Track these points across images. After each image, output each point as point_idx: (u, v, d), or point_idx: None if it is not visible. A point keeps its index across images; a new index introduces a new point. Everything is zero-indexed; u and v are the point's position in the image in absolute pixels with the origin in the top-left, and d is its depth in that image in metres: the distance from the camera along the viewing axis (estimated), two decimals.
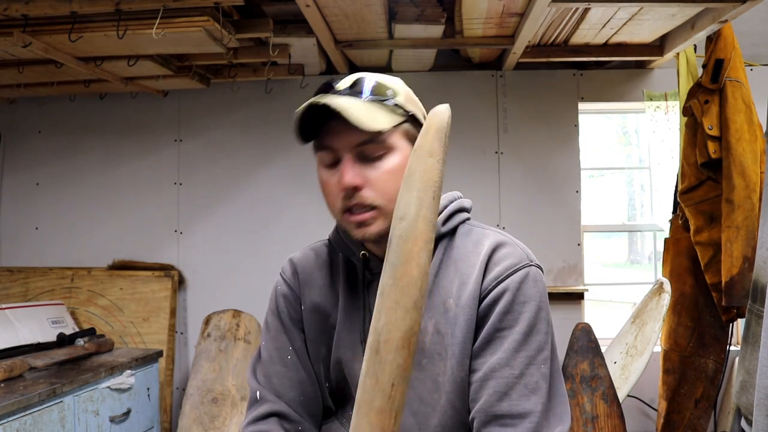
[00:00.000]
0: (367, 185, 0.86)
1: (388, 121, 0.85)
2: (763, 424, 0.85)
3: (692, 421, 2.49)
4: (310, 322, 1.01)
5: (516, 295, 0.86)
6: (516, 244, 0.93)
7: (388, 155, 0.87)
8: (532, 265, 0.90)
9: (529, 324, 0.85)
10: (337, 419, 1.02)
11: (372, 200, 0.87)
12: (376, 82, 0.88)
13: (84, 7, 1.95)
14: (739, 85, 2.28)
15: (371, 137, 0.85)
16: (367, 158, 0.87)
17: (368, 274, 0.97)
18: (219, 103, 3.10)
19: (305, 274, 1.03)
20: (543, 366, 0.85)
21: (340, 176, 0.87)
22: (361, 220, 0.88)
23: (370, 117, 0.83)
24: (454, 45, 2.65)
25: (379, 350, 0.66)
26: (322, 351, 1.00)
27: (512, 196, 3.01)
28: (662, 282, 2.33)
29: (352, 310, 0.98)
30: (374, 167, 0.87)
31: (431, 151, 0.67)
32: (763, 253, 1.01)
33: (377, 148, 0.86)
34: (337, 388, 1.01)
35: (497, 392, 0.84)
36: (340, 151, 0.87)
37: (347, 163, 0.86)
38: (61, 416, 1.92)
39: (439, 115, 0.68)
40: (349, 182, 0.85)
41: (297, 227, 2.99)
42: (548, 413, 0.84)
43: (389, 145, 0.87)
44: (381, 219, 0.88)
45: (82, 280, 3.03)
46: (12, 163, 3.20)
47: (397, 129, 0.88)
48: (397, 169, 0.87)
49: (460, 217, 0.97)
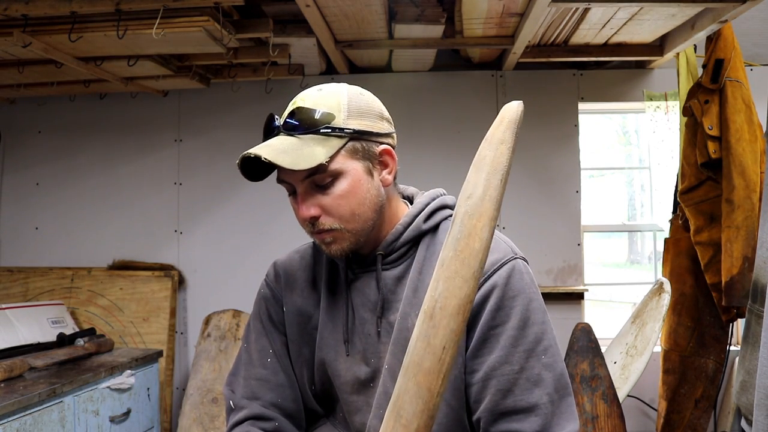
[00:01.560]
0: (323, 213, 0.91)
1: (323, 153, 0.87)
2: (763, 424, 0.85)
3: (692, 421, 2.49)
4: (292, 324, 1.01)
5: (505, 291, 0.87)
6: (499, 238, 0.94)
7: (336, 181, 0.90)
8: (517, 258, 0.91)
9: (522, 317, 0.86)
10: (329, 421, 1.02)
11: (330, 225, 0.91)
12: (305, 112, 0.90)
13: (84, 7, 1.95)
14: (739, 85, 2.28)
15: (315, 170, 0.87)
16: (319, 186, 0.90)
17: (350, 274, 0.98)
18: (219, 103, 3.10)
19: (288, 276, 1.05)
20: (544, 356, 0.85)
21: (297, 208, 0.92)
22: (323, 239, 0.93)
23: (302, 156, 0.86)
24: (454, 45, 2.65)
25: (433, 315, 0.70)
26: (304, 353, 1.01)
27: (512, 196, 3.01)
28: (662, 282, 2.33)
29: (334, 309, 0.98)
30: (326, 194, 0.90)
31: (503, 140, 0.72)
32: (763, 253, 1.01)
33: (324, 177, 0.89)
34: (322, 390, 1.01)
35: (500, 390, 0.84)
36: (294, 184, 0.91)
37: (300, 196, 0.91)
38: (61, 416, 1.92)
39: (513, 108, 0.73)
40: (305, 215, 0.91)
41: (296, 227, 2.96)
42: (556, 408, 0.84)
43: (334, 171, 0.89)
44: (342, 238, 0.92)
45: (82, 280, 3.03)
46: (12, 163, 3.20)
47: (339, 153, 0.89)
48: (348, 191, 0.90)
49: (442, 214, 0.98)
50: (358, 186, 0.91)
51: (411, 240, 0.96)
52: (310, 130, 0.88)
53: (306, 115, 0.89)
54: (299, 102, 0.92)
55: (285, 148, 0.87)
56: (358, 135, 0.91)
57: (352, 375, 0.95)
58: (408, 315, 0.91)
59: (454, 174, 2.74)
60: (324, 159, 0.86)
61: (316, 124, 0.89)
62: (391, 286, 0.95)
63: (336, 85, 0.95)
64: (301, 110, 0.90)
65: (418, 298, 0.91)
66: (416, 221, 0.96)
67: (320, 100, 0.91)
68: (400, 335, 0.91)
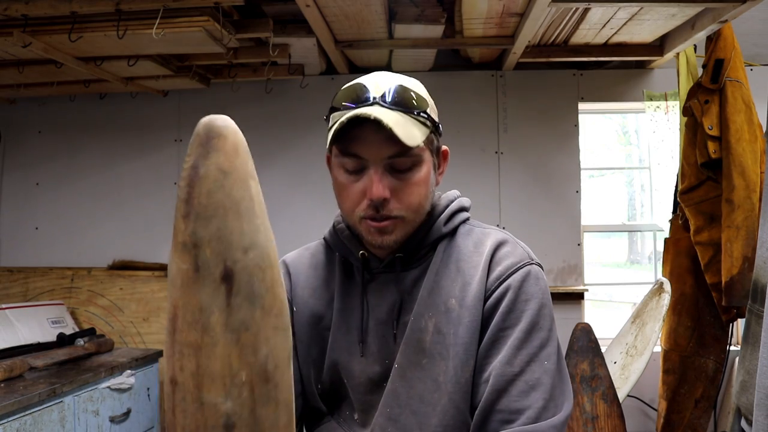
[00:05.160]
0: (394, 197, 0.87)
1: (420, 135, 0.86)
2: (763, 424, 0.85)
3: (692, 421, 2.49)
4: (302, 324, 1.00)
5: (518, 294, 0.87)
6: (516, 242, 0.94)
7: (416, 167, 0.88)
8: (533, 264, 0.91)
9: (531, 322, 0.86)
10: (333, 419, 1.02)
11: (397, 212, 0.88)
12: (408, 92, 0.87)
13: (84, 7, 1.95)
14: (739, 85, 2.28)
15: (403, 151, 0.85)
16: (395, 170, 0.87)
17: (367, 274, 0.97)
18: (219, 103, 3.10)
19: (298, 275, 1.03)
20: (546, 362, 0.85)
21: (367, 186, 0.87)
22: (383, 228, 0.88)
23: (407, 132, 0.83)
24: (454, 45, 2.65)
25: None
26: (312, 353, 0.99)
27: (512, 196, 3.01)
28: (662, 282, 2.33)
29: (348, 310, 0.97)
30: (401, 179, 0.87)
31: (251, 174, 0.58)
32: (763, 253, 1.01)
33: (407, 161, 0.87)
34: (331, 389, 1.00)
35: (496, 390, 0.84)
36: (369, 161, 0.87)
37: (376, 175, 0.86)
38: (61, 416, 1.92)
39: None
40: (379, 195, 0.85)
41: (297, 227, 2.99)
42: (547, 407, 0.84)
43: (418, 157, 0.87)
44: (401, 228, 0.89)
45: (82, 280, 3.03)
46: (12, 163, 3.20)
47: (425, 141, 0.88)
48: (423, 181, 0.89)
49: (460, 217, 0.98)
50: (428, 178, 0.90)
51: (431, 242, 0.96)
52: (410, 109, 0.86)
53: (410, 95, 0.87)
54: (386, 82, 0.88)
55: (396, 120, 0.83)
56: (435, 129, 0.91)
57: (366, 376, 0.95)
58: (421, 316, 0.91)
59: (454, 174, 2.74)
60: (422, 140, 0.85)
61: (420, 107, 0.87)
62: (409, 287, 0.95)
63: (406, 76, 0.93)
64: (405, 89, 0.87)
65: (432, 300, 0.91)
66: (437, 224, 0.96)
67: (409, 85, 0.89)
68: (412, 335, 0.91)
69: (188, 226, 0.53)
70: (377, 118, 0.80)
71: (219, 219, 0.54)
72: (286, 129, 3.08)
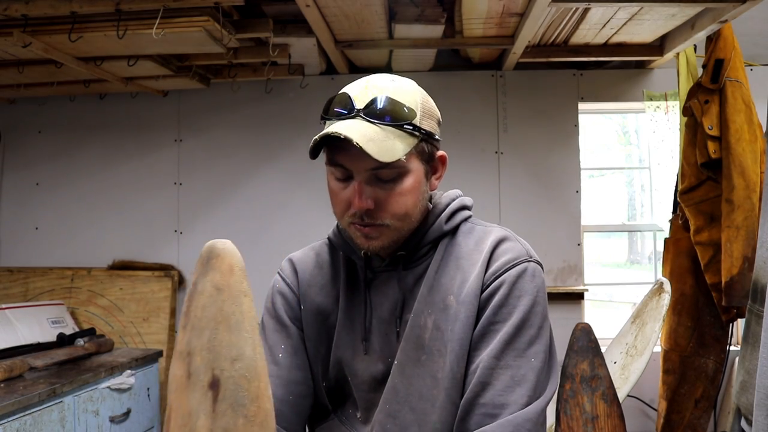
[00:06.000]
0: (378, 206, 0.88)
1: (403, 148, 0.86)
2: (763, 424, 0.85)
3: (692, 421, 2.49)
4: (309, 321, 1.01)
5: (512, 289, 0.88)
6: (517, 240, 0.95)
7: (401, 178, 0.89)
8: (531, 261, 0.91)
9: (522, 318, 0.87)
10: (336, 417, 1.02)
11: (382, 220, 0.89)
12: (393, 104, 0.87)
13: (84, 7, 1.95)
14: (739, 85, 2.28)
15: (386, 163, 0.85)
16: (380, 180, 0.88)
17: (370, 273, 0.97)
18: (219, 103, 3.10)
19: (305, 273, 1.04)
20: (533, 359, 0.86)
21: (351, 195, 0.88)
22: (368, 234, 0.90)
23: (386, 148, 0.83)
24: (454, 45, 2.65)
25: None
26: (321, 350, 1.00)
27: (512, 195, 3.01)
28: (662, 282, 2.32)
29: (352, 309, 0.98)
30: (386, 189, 0.88)
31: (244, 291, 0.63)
32: (763, 253, 1.01)
33: (391, 172, 0.87)
34: (336, 386, 1.01)
35: (482, 383, 0.85)
36: (354, 172, 0.88)
37: (359, 185, 0.87)
38: (61, 416, 1.92)
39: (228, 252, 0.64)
40: (361, 207, 0.87)
41: (297, 226, 2.99)
42: (529, 404, 0.85)
43: (403, 168, 0.88)
44: (387, 235, 0.90)
45: (82, 280, 3.03)
46: (12, 163, 3.20)
47: (411, 152, 0.88)
48: (409, 190, 0.89)
49: (461, 216, 0.99)
50: (417, 187, 0.90)
51: (432, 241, 0.96)
52: (395, 123, 0.86)
53: (395, 107, 0.86)
54: (375, 90, 0.88)
55: (371, 136, 0.83)
56: (427, 137, 0.90)
57: (369, 374, 0.95)
58: (421, 312, 0.92)
59: (454, 174, 2.74)
60: (404, 153, 0.86)
61: (403, 118, 0.87)
62: (411, 286, 0.95)
63: (407, 80, 0.93)
64: (391, 101, 0.87)
65: (432, 297, 0.92)
66: (438, 222, 0.96)
67: (399, 94, 0.88)
68: (411, 332, 0.91)
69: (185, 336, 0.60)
70: (347, 137, 0.81)
71: (210, 331, 0.60)
72: (286, 129, 3.08)
